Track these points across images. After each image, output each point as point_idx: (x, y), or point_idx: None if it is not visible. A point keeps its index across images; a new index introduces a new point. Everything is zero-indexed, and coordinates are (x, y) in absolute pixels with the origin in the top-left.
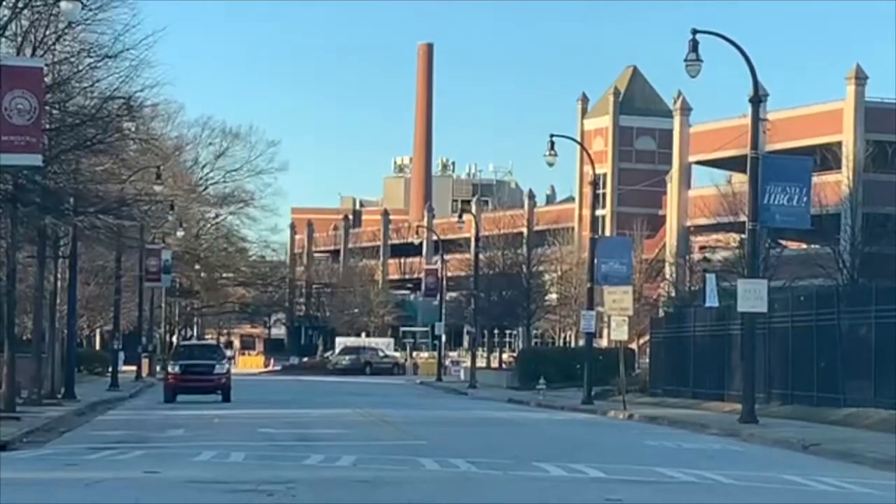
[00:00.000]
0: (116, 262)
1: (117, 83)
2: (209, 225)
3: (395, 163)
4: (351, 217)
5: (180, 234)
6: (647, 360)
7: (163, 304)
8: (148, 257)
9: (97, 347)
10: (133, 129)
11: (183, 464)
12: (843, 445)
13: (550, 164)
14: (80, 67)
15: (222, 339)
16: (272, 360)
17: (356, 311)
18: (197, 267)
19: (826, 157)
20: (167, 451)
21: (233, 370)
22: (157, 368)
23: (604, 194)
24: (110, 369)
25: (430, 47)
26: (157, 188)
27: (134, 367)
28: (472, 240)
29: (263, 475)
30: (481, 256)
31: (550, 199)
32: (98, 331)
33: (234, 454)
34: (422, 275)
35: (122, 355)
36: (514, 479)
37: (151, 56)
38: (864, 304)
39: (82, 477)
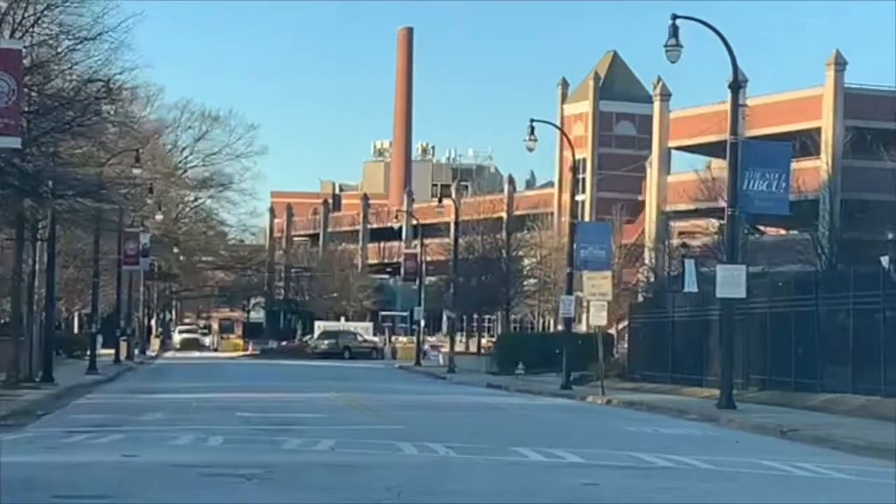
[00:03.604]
0: (95, 245)
1: (96, 66)
2: (188, 208)
3: (375, 147)
4: (330, 201)
5: (159, 217)
6: (626, 346)
7: (141, 288)
8: (126, 240)
9: (76, 331)
10: (112, 111)
11: (161, 448)
12: (821, 431)
13: (530, 149)
14: (59, 50)
15: (201, 323)
16: (251, 344)
17: (335, 295)
18: (176, 250)
19: (805, 142)
20: (145, 434)
21: (211, 354)
22: (136, 352)
23: (583, 179)
24: (88, 353)
25: (410, 31)
26: (136, 171)
27: (112, 351)
28: (452, 224)
29: (242, 459)
30: (461, 241)
31: (530, 184)
32: (76, 314)
33: (213, 438)
34: (401, 259)
35: (100, 339)
36: (493, 465)
37: (130, 39)
38: (843, 290)
39: (61, 461)
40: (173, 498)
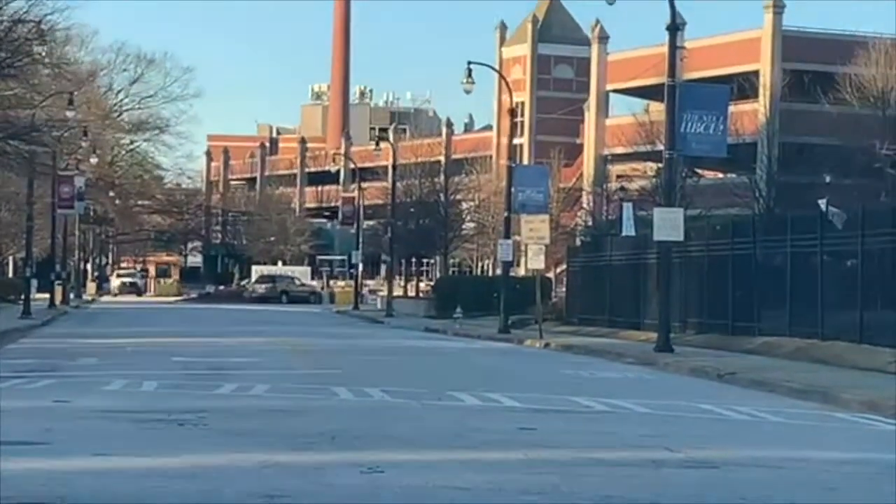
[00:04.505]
0: (29, 188)
1: (27, 6)
2: (124, 152)
3: (313, 90)
4: (268, 144)
5: (94, 160)
6: (564, 289)
7: (76, 232)
8: (61, 184)
9: (10, 275)
10: (44, 53)
11: (94, 393)
12: (758, 374)
13: (468, 92)
14: None
15: (138, 267)
16: (188, 289)
17: (273, 239)
18: (111, 194)
19: (743, 85)
20: (78, 379)
21: (148, 299)
22: (71, 296)
23: (522, 123)
24: (23, 297)
25: None
26: (70, 114)
27: (47, 295)
28: (390, 168)
29: (175, 404)
30: (398, 185)
31: (468, 128)
32: (11, 258)
33: (147, 383)
34: (339, 203)
35: (35, 283)
36: (429, 409)
37: None
38: (780, 233)
39: None
40: (102, 443)
